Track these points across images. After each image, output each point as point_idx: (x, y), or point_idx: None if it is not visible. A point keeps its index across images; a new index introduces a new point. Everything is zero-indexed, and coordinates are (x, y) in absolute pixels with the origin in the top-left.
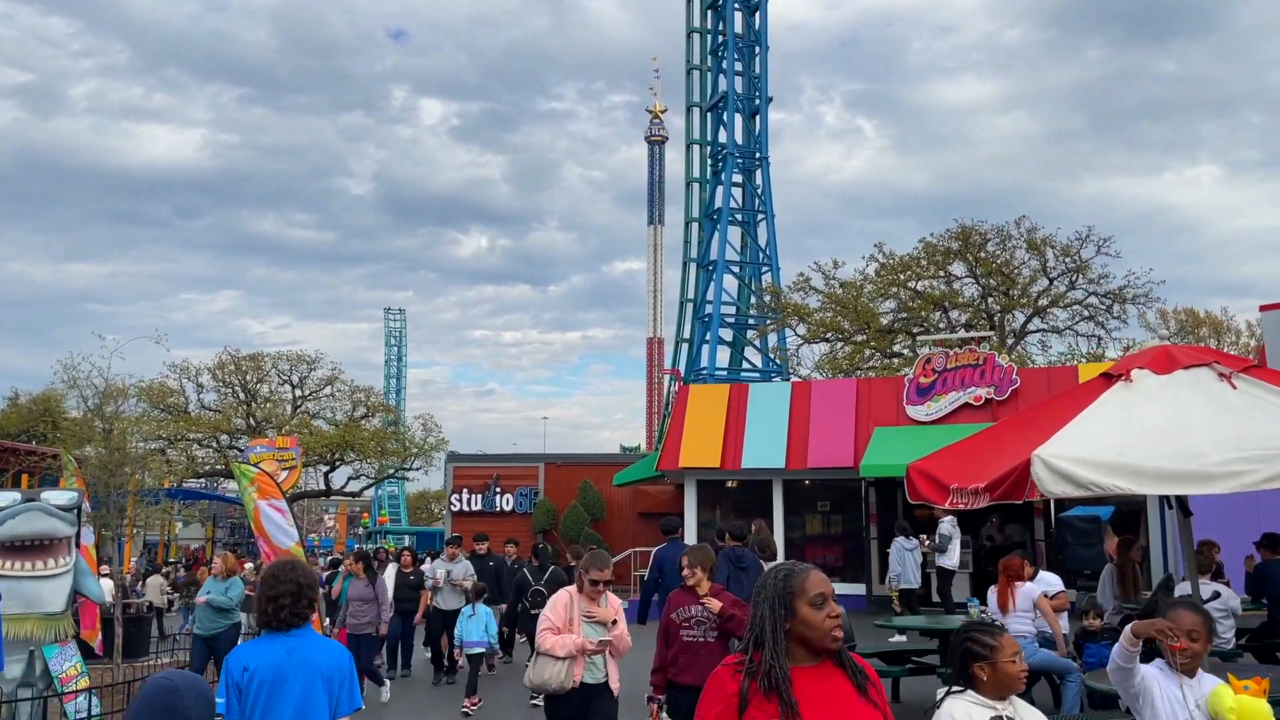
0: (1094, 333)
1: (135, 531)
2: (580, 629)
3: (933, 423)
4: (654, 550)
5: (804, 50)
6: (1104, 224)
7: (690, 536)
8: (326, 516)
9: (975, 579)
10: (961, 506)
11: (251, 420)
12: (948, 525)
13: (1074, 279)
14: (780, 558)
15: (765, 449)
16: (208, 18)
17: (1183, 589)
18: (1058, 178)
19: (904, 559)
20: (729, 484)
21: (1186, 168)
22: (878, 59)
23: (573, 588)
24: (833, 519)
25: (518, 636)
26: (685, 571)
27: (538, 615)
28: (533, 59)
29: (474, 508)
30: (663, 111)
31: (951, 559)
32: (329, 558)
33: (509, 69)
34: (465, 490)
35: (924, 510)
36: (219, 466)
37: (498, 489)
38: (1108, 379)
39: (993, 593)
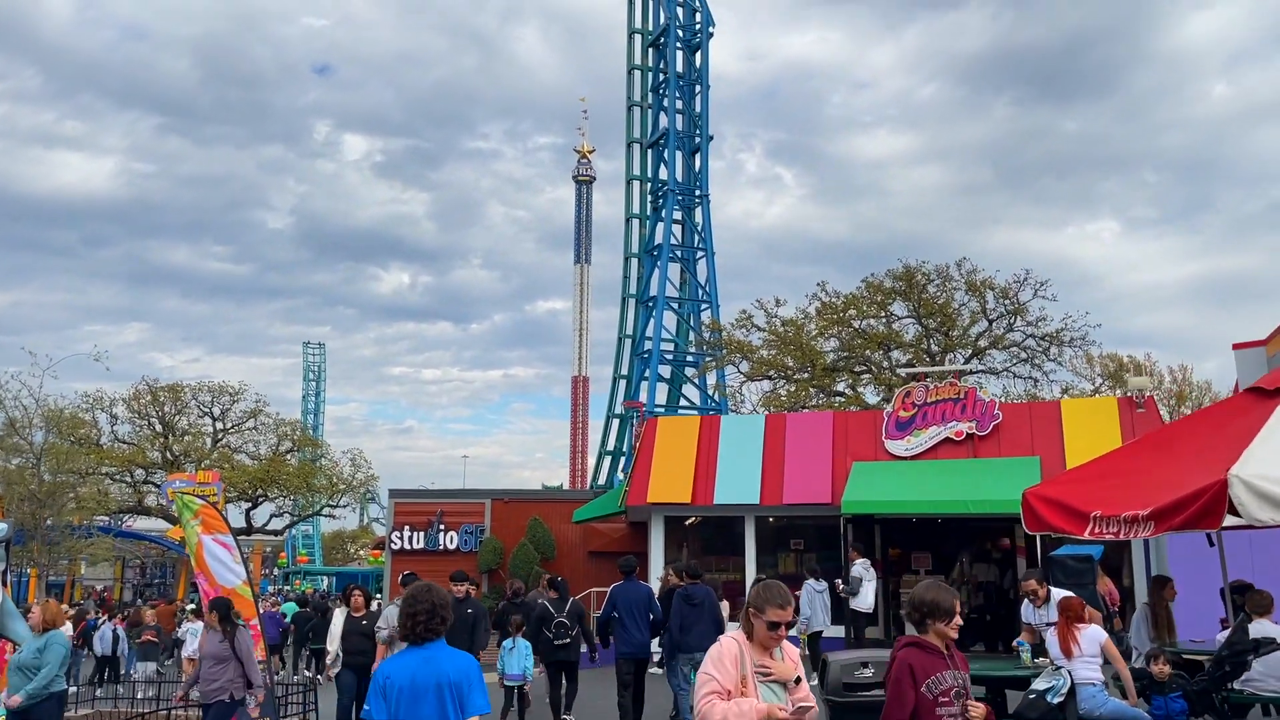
0: (1030, 374)
1: (39, 570)
2: (757, 691)
3: (913, 458)
4: (610, 588)
5: (727, 100)
6: (1012, 275)
7: (656, 573)
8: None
9: (972, 624)
10: (1110, 537)
11: (169, 454)
12: (860, 567)
13: (1012, 321)
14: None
15: (738, 484)
16: (126, 46)
17: (1261, 629)
18: (969, 229)
19: (814, 602)
20: (689, 520)
21: (1088, 223)
22: (797, 111)
23: (738, 634)
24: (806, 558)
25: (536, 669)
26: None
27: (562, 646)
28: (459, 98)
29: (416, 545)
30: (590, 152)
31: (865, 601)
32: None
33: (435, 107)
34: (406, 527)
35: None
36: (131, 503)
37: (441, 526)
38: (1260, 395)
39: (1052, 635)
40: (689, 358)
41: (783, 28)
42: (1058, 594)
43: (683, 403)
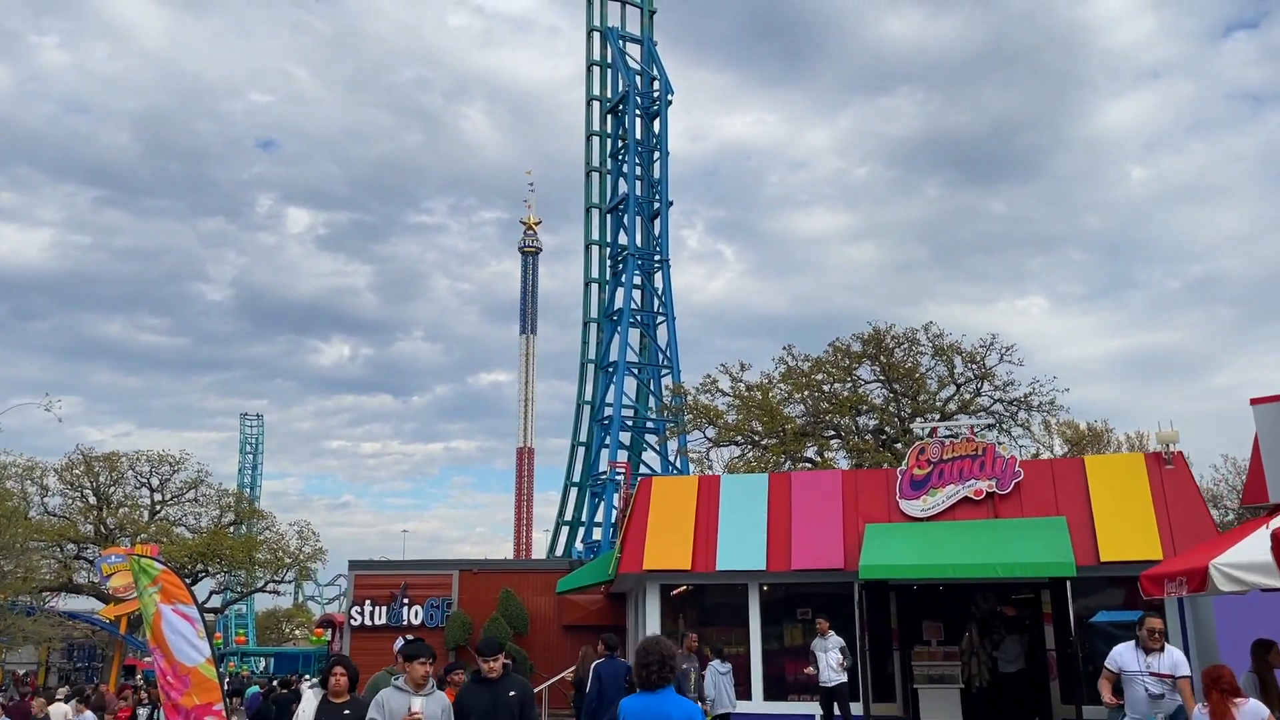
0: (998, 439)
1: None
2: None
3: (929, 518)
4: (594, 665)
5: (670, 177)
6: (978, 339)
7: None
8: None
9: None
10: None
11: (103, 527)
12: (821, 641)
13: (979, 386)
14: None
15: (742, 549)
16: (68, 119)
17: None
18: (904, 304)
19: (719, 684)
20: (676, 590)
21: (1017, 299)
22: (737, 189)
23: None
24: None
25: None
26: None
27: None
28: (404, 173)
29: (378, 621)
30: (537, 224)
31: (824, 675)
32: None
33: (380, 181)
34: (368, 602)
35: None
36: (61, 580)
37: (405, 600)
38: None
39: (1201, 715)
40: (649, 423)
41: (722, 110)
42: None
43: (643, 469)
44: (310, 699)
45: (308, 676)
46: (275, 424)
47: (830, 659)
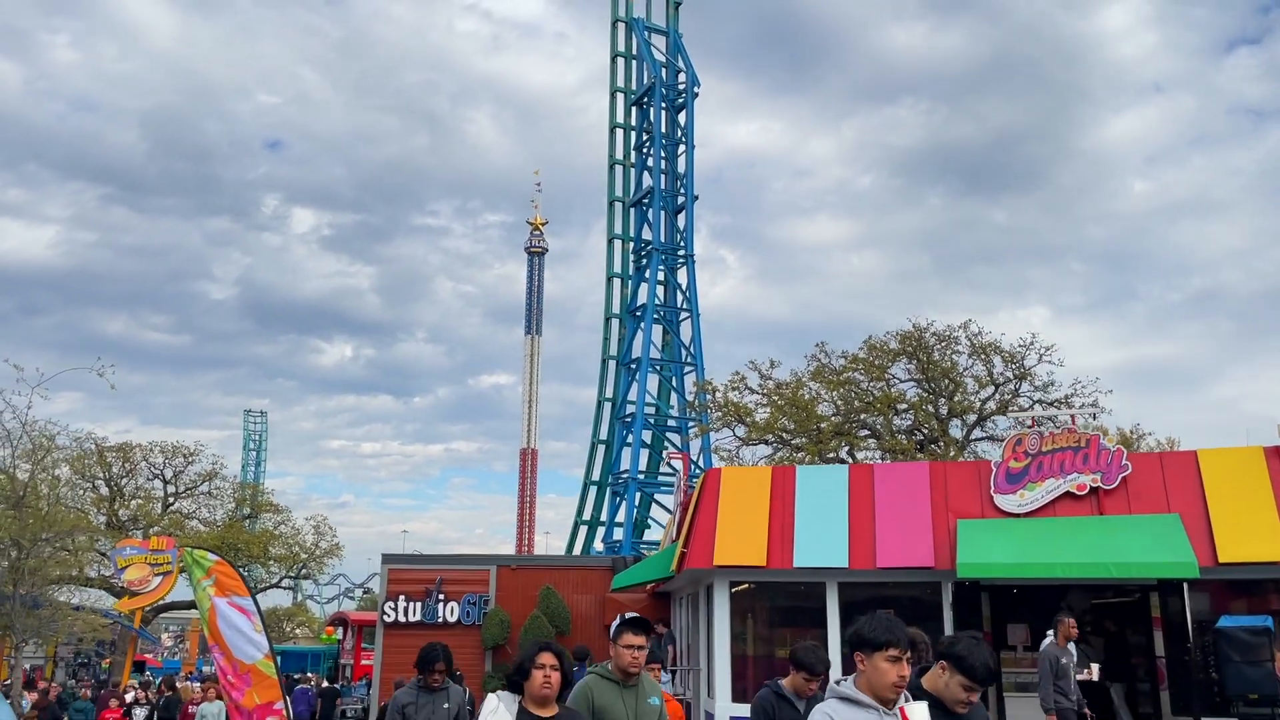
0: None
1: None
2: None
3: (1027, 515)
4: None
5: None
6: (1017, 339)
7: (720, 651)
8: (165, 636)
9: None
10: None
11: (115, 519)
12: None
13: (1018, 386)
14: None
15: (822, 545)
16: (76, 117)
17: None
18: (905, 312)
19: None
20: (741, 586)
21: (1019, 309)
22: (741, 196)
23: None
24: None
25: None
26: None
27: None
28: (410, 175)
29: (412, 618)
30: (543, 224)
31: None
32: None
33: (386, 183)
34: (401, 597)
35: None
36: (72, 572)
37: (440, 596)
38: None
39: None
40: (670, 421)
41: (727, 117)
42: None
43: (663, 468)
44: (501, 712)
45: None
46: (276, 423)
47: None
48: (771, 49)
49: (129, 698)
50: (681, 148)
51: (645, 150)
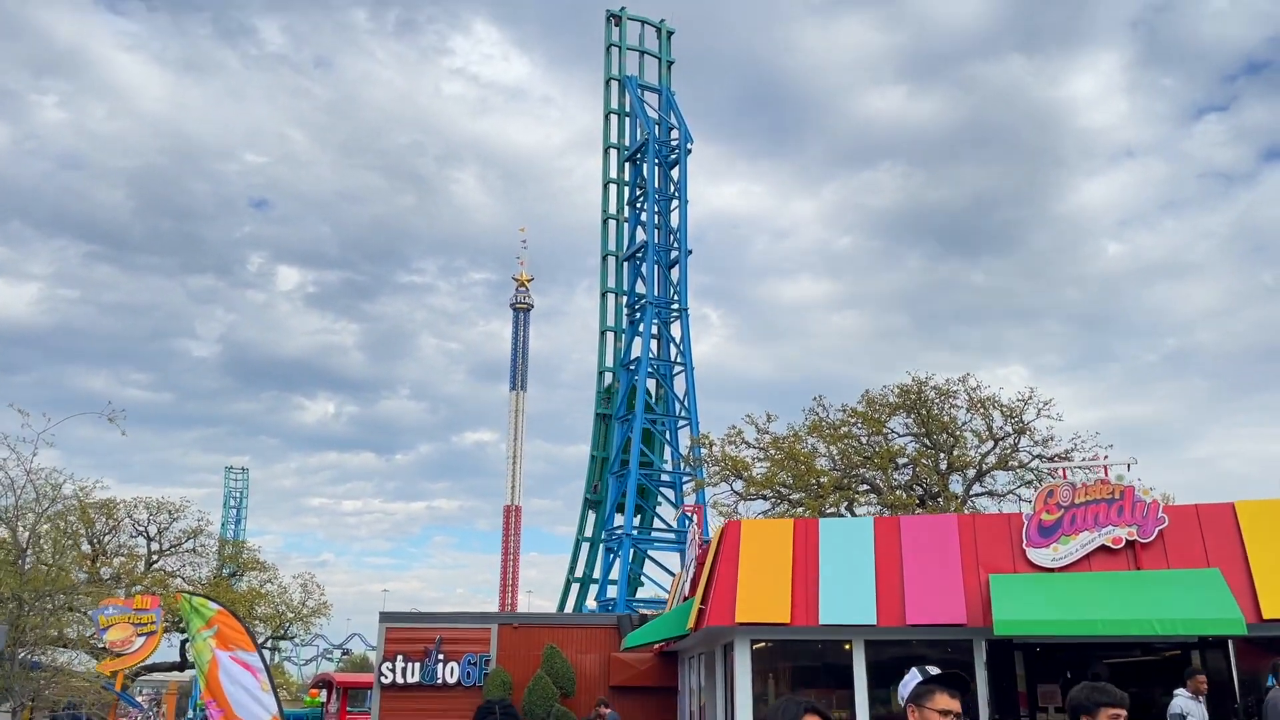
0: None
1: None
2: None
3: (1061, 569)
4: None
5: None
6: (1015, 393)
7: (742, 714)
8: (141, 697)
9: None
10: None
11: (96, 577)
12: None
13: (1017, 441)
14: None
15: (848, 600)
16: (62, 175)
17: None
18: (887, 371)
19: None
20: (758, 644)
21: (999, 368)
22: (724, 256)
23: None
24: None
25: None
26: None
27: None
28: (396, 233)
29: (410, 679)
30: (529, 280)
31: None
32: None
33: (371, 241)
34: (399, 657)
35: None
36: (50, 632)
37: (440, 656)
38: None
39: None
40: (664, 476)
41: (710, 180)
42: None
43: (657, 524)
44: None
45: None
46: (257, 481)
47: None
48: (753, 114)
49: None
50: (675, 202)
51: (639, 205)
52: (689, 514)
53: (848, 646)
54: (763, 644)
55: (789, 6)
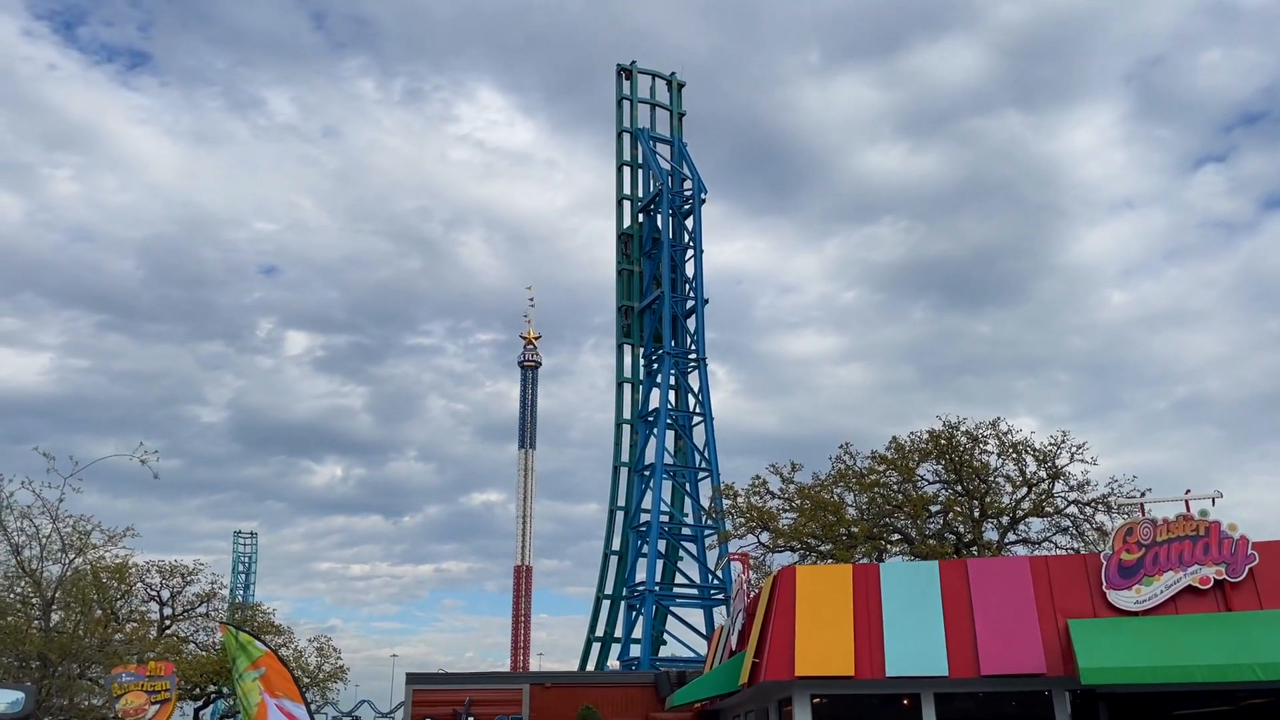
0: (1071, 545)
1: None
2: None
3: (1145, 612)
4: None
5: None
6: (1048, 437)
7: None
8: None
9: None
10: None
11: (108, 644)
12: None
13: (1051, 485)
14: None
15: (915, 650)
16: (73, 247)
17: None
18: (894, 424)
19: None
20: (820, 699)
21: (1009, 418)
22: (729, 311)
23: None
24: None
25: None
26: None
27: None
28: (403, 297)
29: None
30: (536, 338)
31: None
32: None
33: (379, 305)
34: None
35: None
36: (61, 702)
37: (470, 717)
38: None
39: None
40: (686, 530)
41: (713, 237)
42: None
43: (678, 579)
44: None
45: None
46: (265, 546)
47: None
48: (755, 172)
49: None
50: (689, 252)
51: (653, 255)
52: (735, 560)
53: (907, 701)
54: (820, 699)
55: (787, 68)
